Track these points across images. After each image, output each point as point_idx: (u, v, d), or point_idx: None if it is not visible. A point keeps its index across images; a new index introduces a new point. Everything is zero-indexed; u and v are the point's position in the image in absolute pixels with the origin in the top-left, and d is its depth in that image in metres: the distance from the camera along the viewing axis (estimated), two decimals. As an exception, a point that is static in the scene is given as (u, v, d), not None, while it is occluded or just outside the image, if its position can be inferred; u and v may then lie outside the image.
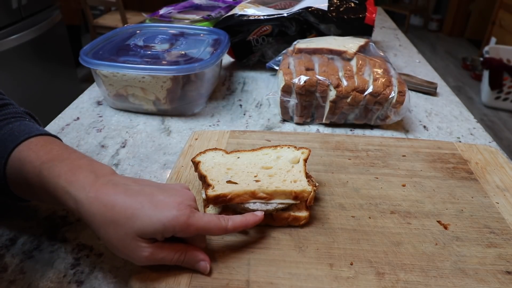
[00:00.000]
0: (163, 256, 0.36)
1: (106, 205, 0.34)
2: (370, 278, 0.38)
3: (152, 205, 0.35)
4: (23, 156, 0.38)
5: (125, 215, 0.34)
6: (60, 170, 0.37)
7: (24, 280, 0.38)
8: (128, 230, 0.34)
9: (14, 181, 0.39)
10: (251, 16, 0.83)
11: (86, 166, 0.38)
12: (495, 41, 3.19)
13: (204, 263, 0.37)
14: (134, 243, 0.34)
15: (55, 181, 0.36)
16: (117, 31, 0.79)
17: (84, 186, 0.35)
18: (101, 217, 0.34)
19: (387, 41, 1.16)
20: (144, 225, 0.34)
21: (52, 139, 0.42)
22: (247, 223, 0.39)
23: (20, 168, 0.38)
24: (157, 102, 0.68)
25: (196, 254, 0.37)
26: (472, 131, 0.69)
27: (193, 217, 0.35)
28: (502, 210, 0.47)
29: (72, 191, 0.35)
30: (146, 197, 0.35)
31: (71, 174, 0.36)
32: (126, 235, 0.34)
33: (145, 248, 0.35)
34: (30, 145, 0.39)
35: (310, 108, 0.67)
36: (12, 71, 1.64)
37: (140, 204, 0.35)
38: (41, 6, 1.81)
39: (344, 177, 0.52)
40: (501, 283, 0.38)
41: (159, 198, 0.36)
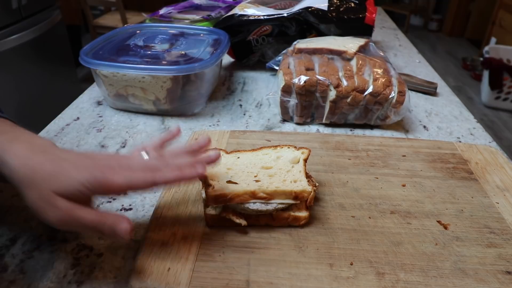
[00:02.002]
0: (80, 215, 0.35)
1: (30, 168, 0.36)
2: (370, 278, 0.38)
3: (73, 168, 0.36)
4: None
5: (44, 176, 0.35)
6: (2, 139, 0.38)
7: (24, 280, 0.38)
8: (46, 189, 0.35)
9: None
10: (251, 16, 0.83)
11: (24, 138, 0.40)
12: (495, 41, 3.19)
13: (124, 225, 0.34)
14: (52, 200, 0.35)
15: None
16: (117, 31, 0.79)
17: (16, 154, 0.37)
18: (25, 180, 0.36)
19: (387, 41, 1.16)
20: (62, 184, 0.35)
21: (3, 120, 0.43)
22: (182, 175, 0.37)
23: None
24: (157, 102, 0.68)
25: (115, 216, 0.35)
26: (472, 131, 0.69)
27: (114, 174, 0.36)
28: (502, 210, 0.47)
29: (6, 158, 0.37)
30: (69, 163, 0.37)
31: (7, 143, 0.38)
32: (45, 194, 0.35)
33: (62, 203, 0.35)
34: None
35: (310, 108, 0.67)
36: (12, 71, 1.64)
37: (61, 167, 0.36)
38: (41, 6, 1.81)
39: (344, 177, 0.52)
40: (501, 283, 0.38)
41: (82, 163, 0.37)
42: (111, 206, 0.48)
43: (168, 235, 0.42)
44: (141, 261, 0.38)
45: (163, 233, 0.42)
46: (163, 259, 0.39)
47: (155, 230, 0.42)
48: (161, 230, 0.42)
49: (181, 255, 0.39)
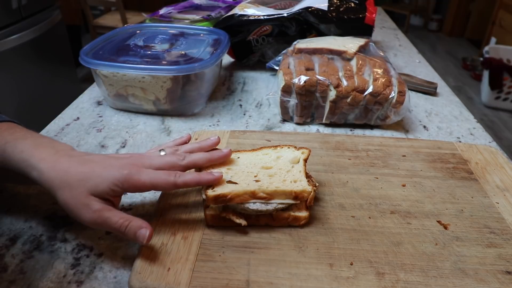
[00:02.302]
0: (109, 216, 0.38)
1: (61, 171, 0.39)
2: (370, 278, 0.38)
3: (101, 168, 0.39)
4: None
5: (78, 178, 0.39)
6: (23, 147, 0.41)
7: (24, 280, 0.38)
8: (80, 189, 0.38)
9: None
10: (251, 16, 0.83)
11: (46, 143, 0.42)
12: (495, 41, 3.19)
13: (144, 230, 0.37)
14: (86, 200, 0.38)
15: (19, 156, 0.40)
16: (117, 31, 0.79)
17: (44, 158, 0.40)
18: (58, 181, 0.39)
19: (387, 41, 1.16)
20: (95, 184, 0.38)
21: (14, 125, 0.45)
22: (200, 179, 0.41)
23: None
24: (157, 102, 0.68)
25: (139, 223, 0.38)
26: (472, 131, 0.69)
27: (140, 173, 0.39)
28: (502, 210, 0.47)
29: (34, 163, 0.39)
30: (97, 163, 0.40)
31: (33, 149, 0.41)
32: (79, 194, 0.38)
33: (95, 204, 0.38)
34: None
35: (310, 108, 0.67)
36: (12, 71, 1.64)
37: (91, 169, 0.39)
38: (41, 6, 1.81)
39: (344, 177, 0.52)
40: (501, 283, 0.38)
41: (108, 162, 0.40)
42: (111, 206, 0.48)
43: (168, 235, 0.42)
44: (141, 261, 0.38)
45: (163, 233, 0.42)
46: (163, 259, 0.39)
47: (155, 230, 0.42)
48: (161, 230, 0.42)
49: (181, 255, 0.39)
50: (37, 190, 0.51)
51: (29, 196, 0.50)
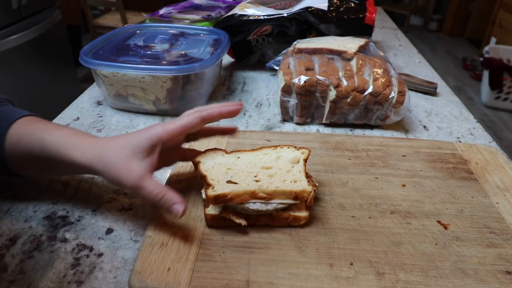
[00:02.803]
0: (145, 186, 0.39)
1: (103, 144, 0.42)
2: (370, 278, 0.38)
3: (137, 133, 0.42)
4: (21, 131, 0.44)
5: (119, 145, 0.41)
6: (61, 134, 0.43)
7: (24, 280, 0.38)
8: (122, 154, 0.40)
9: (13, 155, 0.44)
10: (251, 16, 0.83)
11: (79, 131, 0.45)
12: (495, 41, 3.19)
13: (178, 206, 0.39)
14: (127, 165, 0.40)
15: (58, 141, 0.42)
16: (117, 31, 0.79)
17: (83, 140, 0.43)
18: (100, 154, 0.41)
19: (387, 41, 1.16)
20: (135, 144, 0.41)
21: (39, 118, 0.47)
22: (222, 110, 0.44)
23: (19, 141, 0.43)
24: (157, 102, 0.68)
25: (174, 196, 0.39)
26: (472, 131, 0.69)
27: (169, 123, 0.43)
28: (502, 210, 0.47)
29: (74, 145, 0.42)
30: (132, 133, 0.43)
31: (71, 135, 0.43)
32: (122, 158, 0.40)
33: (136, 169, 0.40)
34: (25, 121, 0.45)
35: (310, 108, 0.67)
36: (12, 71, 1.64)
37: (128, 136, 0.42)
38: (41, 6, 1.81)
39: (344, 177, 0.52)
40: (501, 283, 0.38)
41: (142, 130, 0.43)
42: (111, 206, 0.48)
43: (168, 235, 0.42)
44: (141, 261, 0.38)
45: (163, 233, 0.42)
46: (163, 259, 0.39)
47: (155, 230, 0.42)
48: (161, 230, 0.42)
49: (181, 255, 0.39)
50: (37, 190, 0.51)
51: (29, 196, 0.50)
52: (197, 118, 0.43)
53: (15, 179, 0.50)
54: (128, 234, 0.45)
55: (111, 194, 0.50)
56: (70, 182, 0.52)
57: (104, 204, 0.49)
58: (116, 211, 0.48)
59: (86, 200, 0.49)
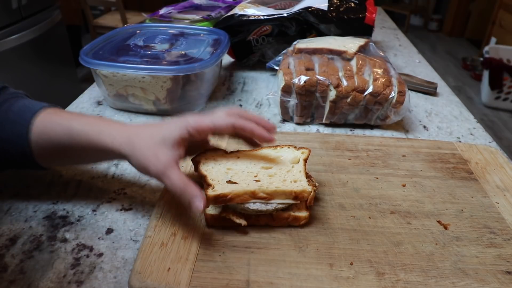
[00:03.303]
0: (169, 175, 0.39)
1: (133, 131, 0.43)
2: (370, 278, 0.38)
3: (167, 123, 0.43)
4: (46, 121, 0.44)
5: (149, 133, 0.42)
6: (89, 121, 0.44)
7: (24, 280, 0.38)
8: (152, 141, 0.41)
9: (39, 145, 0.44)
10: (251, 16, 0.83)
11: (105, 119, 0.47)
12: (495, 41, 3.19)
13: (198, 201, 0.38)
14: (155, 150, 0.40)
15: (87, 128, 0.43)
16: (117, 31, 0.79)
17: (112, 126, 0.43)
18: (129, 139, 0.42)
19: (387, 41, 1.16)
20: (165, 133, 0.41)
21: (61, 109, 0.48)
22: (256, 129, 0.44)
23: (45, 131, 0.44)
24: (157, 102, 0.68)
25: (196, 191, 0.39)
26: (472, 131, 0.69)
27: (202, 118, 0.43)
28: (502, 210, 0.47)
29: (104, 130, 0.43)
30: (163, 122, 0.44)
31: (99, 121, 0.45)
32: (152, 145, 0.41)
33: (163, 155, 0.40)
34: (49, 112, 0.46)
35: (310, 108, 0.67)
36: (12, 71, 1.64)
37: (158, 125, 0.43)
38: (41, 6, 1.81)
39: (344, 177, 0.52)
40: (501, 283, 0.38)
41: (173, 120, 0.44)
42: (111, 206, 0.48)
43: (168, 235, 0.42)
44: (141, 261, 0.38)
45: (163, 233, 0.42)
46: (163, 259, 0.39)
47: (155, 230, 0.42)
48: (161, 230, 0.42)
49: (181, 255, 0.39)
50: (37, 190, 0.51)
51: (29, 196, 0.50)
52: (228, 126, 0.43)
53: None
54: (128, 234, 0.45)
55: (111, 194, 0.50)
56: (70, 182, 0.52)
57: (104, 204, 0.49)
58: (116, 211, 0.48)
59: (86, 200, 0.49)
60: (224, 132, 0.44)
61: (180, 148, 0.42)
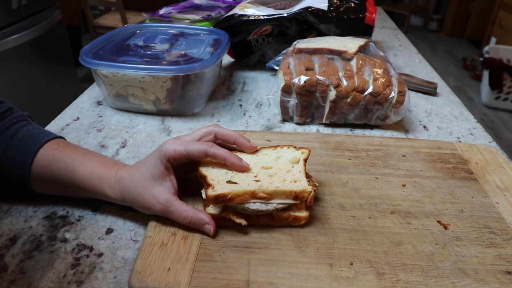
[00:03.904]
0: (172, 211, 0.42)
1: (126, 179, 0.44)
2: (370, 278, 0.38)
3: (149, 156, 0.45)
4: (50, 155, 0.45)
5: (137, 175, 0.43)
6: (93, 165, 0.45)
7: (24, 280, 0.38)
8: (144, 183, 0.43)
9: (40, 178, 0.45)
10: (251, 16, 0.83)
11: (107, 160, 0.47)
12: (495, 41, 3.19)
13: (209, 226, 0.41)
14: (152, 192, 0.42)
15: (89, 176, 0.44)
16: (117, 31, 0.79)
17: (113, 172, 0.45)
18: (125, 188, 0.44)
19: (387, 41, 1.16)
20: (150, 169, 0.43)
21: (65, 141, 0.49)
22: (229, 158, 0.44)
23: (48, 166, 0.45)
24: (157, 102, 0.68)
25: (203, 217, 0.41)
26: (472, 131, 0.69)
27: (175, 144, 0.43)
28: (502, 210, 0.47)
29: (106, 177, 0.44)
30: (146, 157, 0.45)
31: (102, 167, 0.45)
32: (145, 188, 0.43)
33: (161, 195, 0.42)
34: (54, 145, 0.46)
35: (310, 108, 0.67)
36: (12, 71, 1.64)
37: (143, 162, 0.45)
38: (41, 6, 1.81)
39: (344, 177, 0.52)
40: (501, 283, 0.38)
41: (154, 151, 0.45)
42: (111, 206, 0.48)
43: (168, 235, 0.42)
44: (141, 261, 0.38)
45: (163, 233, 0.42)
46: (163, 259, 0.39)
47: (155, 230, 0.42)
48: (161, 230, 0.42)
49: (181, 255, 0.39)
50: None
51: (29, 196, 0.49)
52: (201, 154, 0.43)
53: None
54: (128, 234, 0.45)
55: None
56: (70, 182, 0.52)
57: (104, 204, 0.49)
58: (116, 211, 0.48)
59: (86, 200, 0.49)
60: (198, 159, 0.44)
61: (170, 176, 0.43)
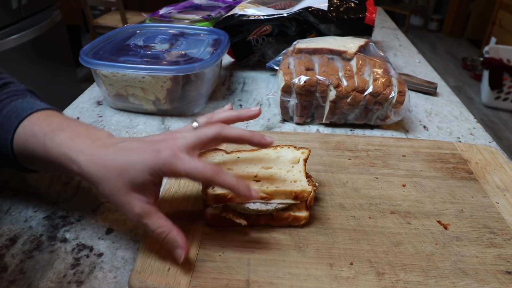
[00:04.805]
0: (148, 223, 0.37)
1: (99, 165, 0.38)
2: (370, 278, 0.38)
3: (137, 156, 0.37)
4: (28, 131, 0.42)
5: (115, 172, 0.37)
6: (61, 139, 0.40)
7: (24, 280, 0.38)
8: (121, 185, 0.37)
9: (22, 155, 0.43)
10: (251, 16, 0.83)
11: (83, 133, 0.41)
12: (495, 41, 3.19)
13: (179, 251, 0.37)
14: (127, 198, 0.37)
15: (57, 150, 0.39)
16: (117, 31, 0.79)
17: (82, 150, 0.39)
18: (97, 176, 0.38)
19: (387, 41, 1.16)
20: (133, 176, 0.37)
21: (52, 112, 0.45)
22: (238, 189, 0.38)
23: (26, 142, 0.42)
24: (157, 102, 0.68)
25: (177, 240, 0.37)
26: (472, 131, 0.69)
27: (176, 160, 0.37)
28: (502, 210, 0.47)
29: (73, 156, 0.39)
30: (132, 151, 0.38)
31: (70, 141, 0.40)
32: (120, 190, 0.37)
33: (136, 205, 0.37)
34: (33, 120, 0.43)
35: (310, 108, 0.67)
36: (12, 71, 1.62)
37: (127, 159, 0.37)
38: (41, 6, 1.81)
39: (344, 177, 0.52)
40: (501, 283, 0.38)
41: (143, 148, 0.38)
42: (111, 206, 0.48)
43: (168, 235, 0.42)
44: (141, 261, 0.38)
45: (163, 233, 0.42)
46: (163, 259, 0.39)
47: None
48: (161, 230, 0.42)
49: (181, 255, 0.39)
50: (37, 190, 0.51)
51: (29, 196, 0.50)
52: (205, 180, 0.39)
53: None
54: (128, 234, 0.45)
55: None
56: (70, 182, 0.52)
57: (104, 204, 0.49)
58: (116, 211, 0.48)
59: (86, 200, 0.49)
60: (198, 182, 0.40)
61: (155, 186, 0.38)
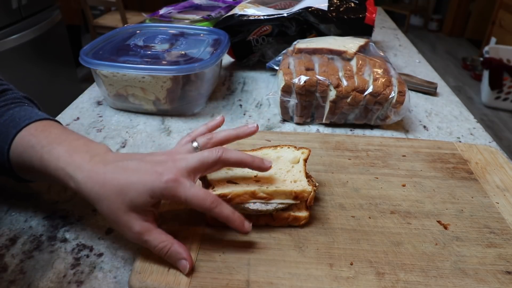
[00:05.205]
0: (148, 240, 0.37)
1: (98, 183, 0.37)
2: (370, 278, 0.38)
3: (137, 177, 0.37)
4: (25, 141, 0.41)
5: (114, 191, 0.36)
6: (59, 153, 0.39)
7: (24, 280, 0.38)
8: (119, 205, 0.36)
9: (18, 165, 0.42)
10: (251, 16, 0.83)
11: (81, 147, 0.40)
12: (495, 41, 3.19)
13: (184, 262, 0.37)
14: (126, 217, 0.36)
15: (55, 164, 0.39)
16: (117, 31, 0.79)
17: (79, 166, 0.38)
18: (95, 194, 0.37)
19: (387, 41, 1.16)
20: (132, 198, 0.36)
21: (50, 123, 0.44)
22: (233, 219, 0.38)
23: (23, 153, 0.41)
24: (157, 102, 0.68)
25: (180, 252, 0.37)
26: (472, 131, 0.69)
27: (177, 186, 0.36)
28: (502, 210, 0.47)
29: (70, 172, 0.38)
30: (132, 171, 0.37)
31: (68, 156, 0.39)
32: (119, 209, 0.36)
33: (135, 224, 0.37)
34: (31, 130, 0.42)
35: (310, 108, 0.67)
36: (12, 71, 1.64)
37: (126, 178, 0.37)
38: (41, 6, 1.81)
39: (344, 177, 0.52)
40: (501, 283, 0.38)
41: (144, 169, 0.37)
42: (111, 206, 0.48)
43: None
44: (141, 261, 0.38)
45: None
46: (163, 259, 0.39)
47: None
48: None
49: (181, 255, 0.39)
50: (37, 190, 0.51)
51: (29, 196, 0.50)
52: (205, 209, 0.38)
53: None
54: (128, 234, 0.44)
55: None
56: (70, 182, 0.52)
57: (104, 204, 0.48)
58: (116, 211, 0.48)
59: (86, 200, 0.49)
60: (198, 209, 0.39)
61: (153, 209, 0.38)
